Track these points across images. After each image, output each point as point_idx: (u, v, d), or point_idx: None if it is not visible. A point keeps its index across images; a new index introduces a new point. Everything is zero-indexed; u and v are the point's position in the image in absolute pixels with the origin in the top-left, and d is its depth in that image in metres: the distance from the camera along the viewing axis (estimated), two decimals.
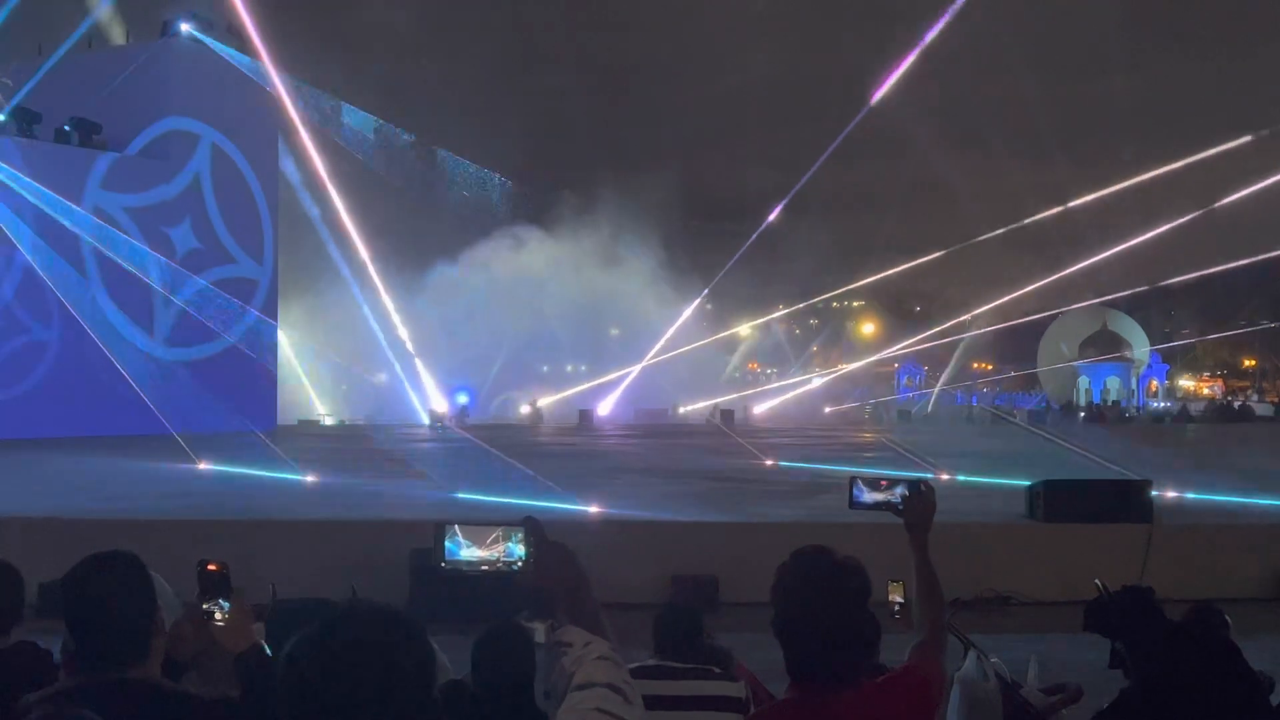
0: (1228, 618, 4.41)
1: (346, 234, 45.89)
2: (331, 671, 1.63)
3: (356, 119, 47.99)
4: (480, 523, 2.53)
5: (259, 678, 2.67)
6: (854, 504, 3.33)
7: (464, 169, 54.07)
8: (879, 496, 3.29)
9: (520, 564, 2.36)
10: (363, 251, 46.54)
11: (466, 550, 2.52)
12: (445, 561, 2.54)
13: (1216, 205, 46.44)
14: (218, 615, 2.81)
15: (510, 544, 2.47)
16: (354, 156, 47.36)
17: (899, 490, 3.26)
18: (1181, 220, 47.92)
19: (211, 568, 2.85)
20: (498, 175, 54.71)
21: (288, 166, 42.02)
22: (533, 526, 2.27)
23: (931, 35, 42.18)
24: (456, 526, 2.52)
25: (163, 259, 35.60)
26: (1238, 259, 51.81)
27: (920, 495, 3.20)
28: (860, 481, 3.34)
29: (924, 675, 2.96)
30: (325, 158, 43.54)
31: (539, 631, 3.60)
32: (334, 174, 43.60)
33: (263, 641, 2.87)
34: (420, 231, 50.29)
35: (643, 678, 4.37)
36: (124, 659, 2.59)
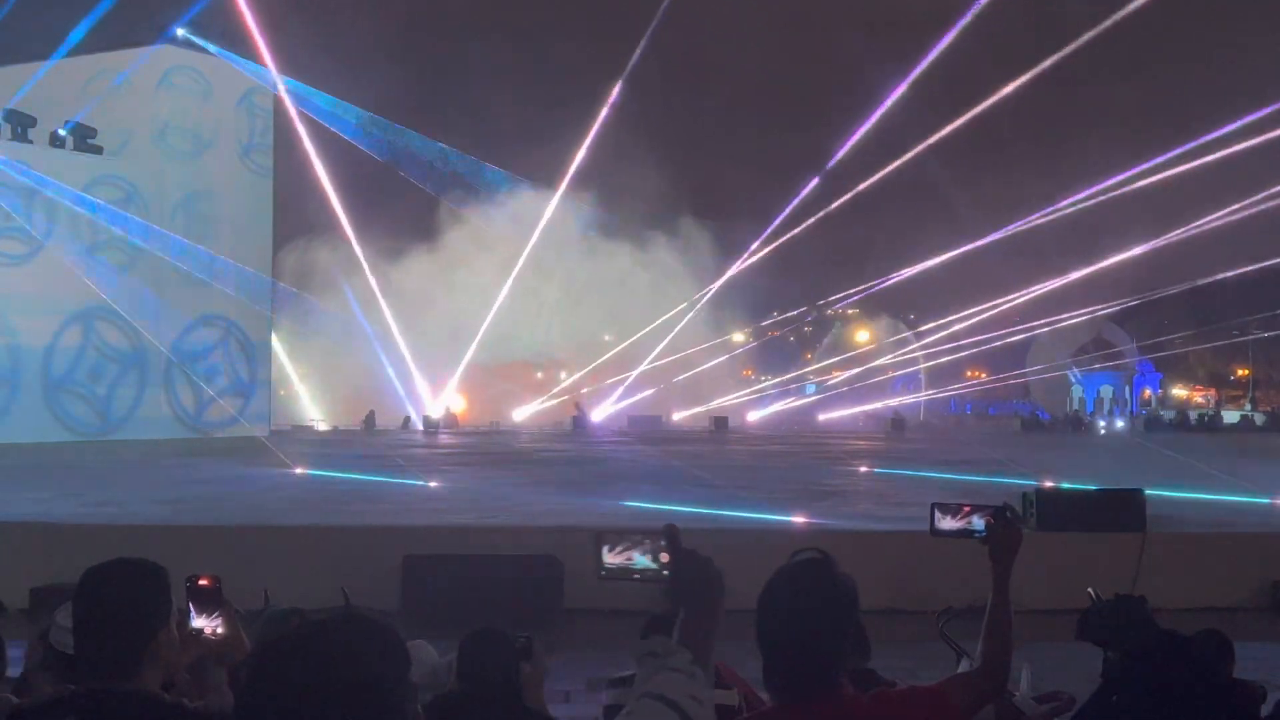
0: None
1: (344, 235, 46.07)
2: (300, 681, 1.60)
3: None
4: (622, 530, 2.41)
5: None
6: (935, 532, 3.17)
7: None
8: (959, 524, 3.14)
9: (648, 573, 2.30)
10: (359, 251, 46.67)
11: (609, 558, 2.40)
12: (605, 570, 2.41)
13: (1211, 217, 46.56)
14: (207, 630, 2.77)
15: (636, 551, 2.37)
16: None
17: (978, 517, 3.11)
18: (1177, 231, 48.09)
19: (204, 582, 2.80)
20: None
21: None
22: (671, 535, 2.18)
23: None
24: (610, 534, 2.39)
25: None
26: (1231, 267, 51.98)
27: (1006, 523, 3.06)
28: (938, 509, 3.16)
29: (947, 703, 2.72)
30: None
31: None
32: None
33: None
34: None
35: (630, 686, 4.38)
36: (113, 670, 2.52)
